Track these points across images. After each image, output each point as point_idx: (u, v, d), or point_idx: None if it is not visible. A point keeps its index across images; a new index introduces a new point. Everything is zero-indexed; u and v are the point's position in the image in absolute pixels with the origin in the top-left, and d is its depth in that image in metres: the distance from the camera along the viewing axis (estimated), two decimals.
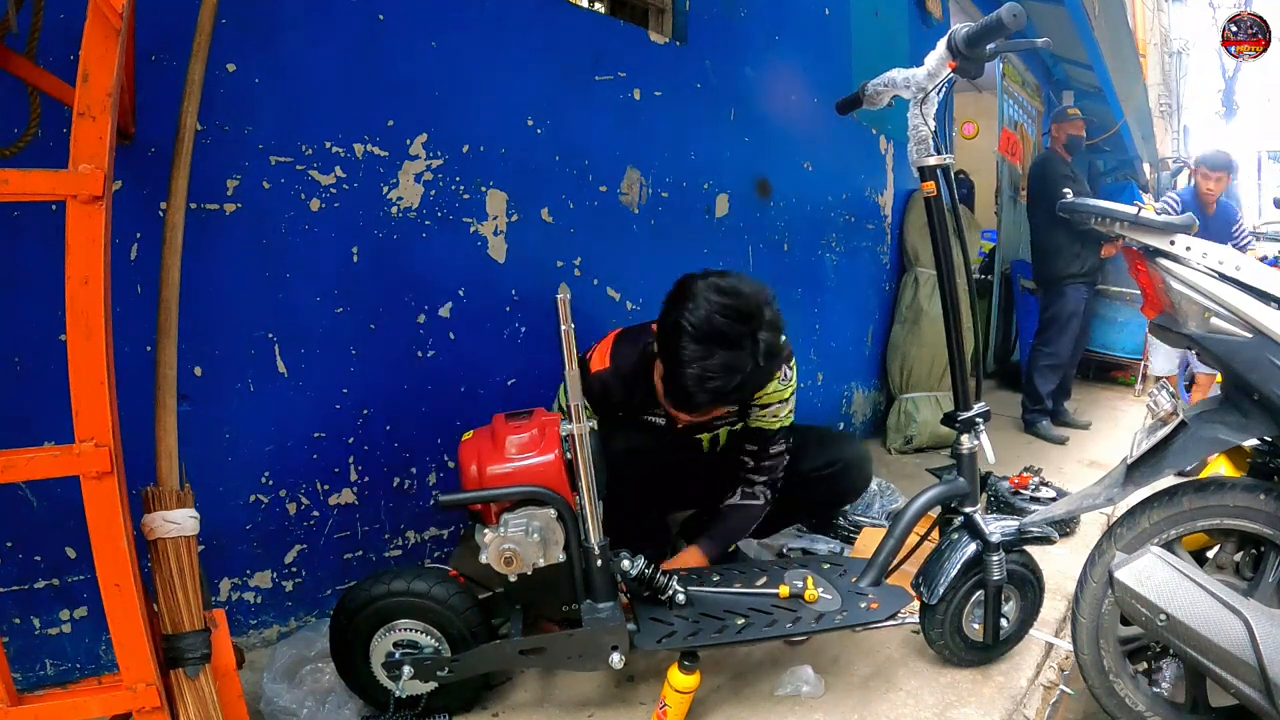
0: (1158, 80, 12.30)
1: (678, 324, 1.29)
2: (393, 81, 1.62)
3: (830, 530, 2.10)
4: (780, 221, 2.73)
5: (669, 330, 1.31)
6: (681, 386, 1.30)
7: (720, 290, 1.29)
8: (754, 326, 1.29)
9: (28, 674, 1.33)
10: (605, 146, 2.06)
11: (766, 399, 1.55)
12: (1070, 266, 3.71)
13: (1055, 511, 1.39)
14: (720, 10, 2.39)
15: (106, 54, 0.84)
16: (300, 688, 1.34)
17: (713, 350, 1.26)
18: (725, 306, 1.27)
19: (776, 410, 1.57)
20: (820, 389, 3.07)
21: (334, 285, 1.59)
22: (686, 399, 1.32)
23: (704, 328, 1.26)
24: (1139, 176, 7.80)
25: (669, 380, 1.35)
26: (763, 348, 1.30)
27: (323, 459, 1.62)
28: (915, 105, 1.35)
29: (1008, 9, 1.19)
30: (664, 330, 1.34)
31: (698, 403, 1.32)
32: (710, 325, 1.26)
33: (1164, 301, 1.20)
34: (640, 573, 1.32)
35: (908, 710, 1.39)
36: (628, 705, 1.40)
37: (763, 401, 1.56)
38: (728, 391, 1.29)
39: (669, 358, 1.32)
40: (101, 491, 0.87)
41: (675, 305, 1.32)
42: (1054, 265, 3.76)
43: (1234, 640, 1.08)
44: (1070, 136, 3.74)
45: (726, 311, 1.27)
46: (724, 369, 1.27)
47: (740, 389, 1.31)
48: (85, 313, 0.84)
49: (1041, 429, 3.70)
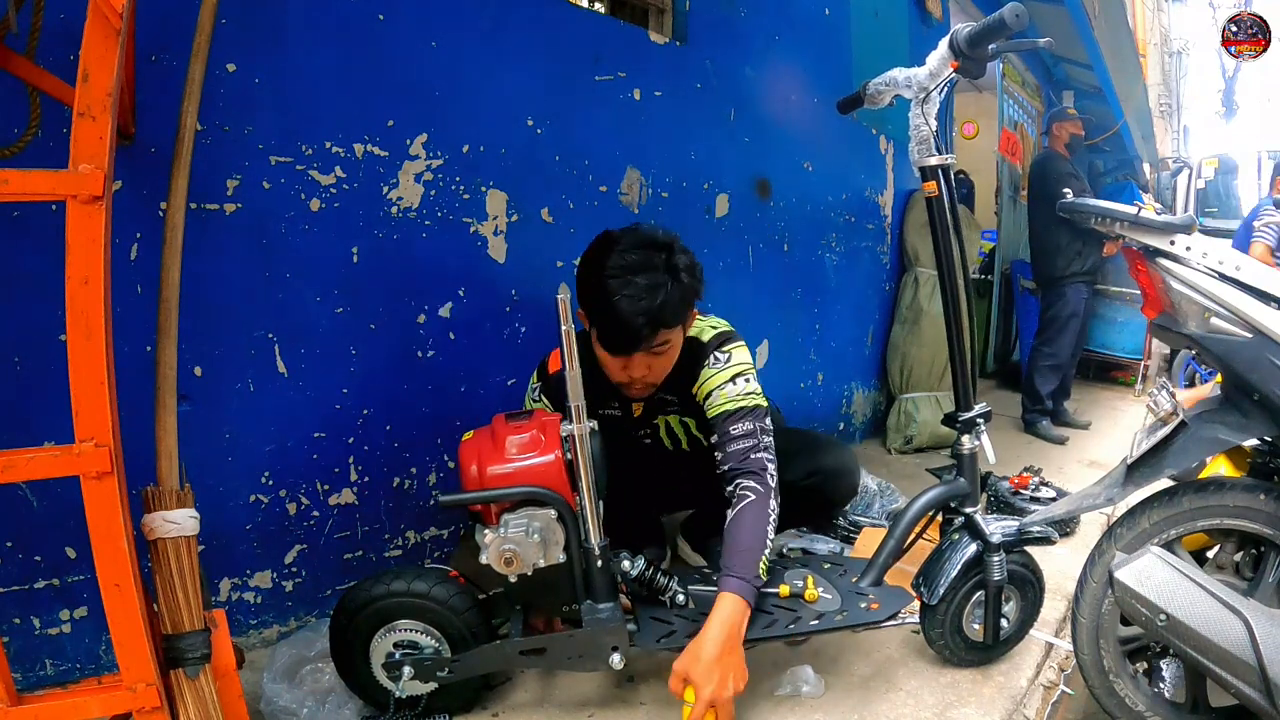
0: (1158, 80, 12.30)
1: (594, 277, 1.35)
2: (393, 81, 1.62)
3: (830, 530, 2.10)
4: (780, 221, 2.73)
5: (587, 279, 1.37)
6: (615, 323, 1.33)
7: (624, 233, 1.39)
8: (665, 252, 1.36)
9: (28, 674, 1.33)
10: (605, 146, 2.06)
11: (703, 387, 1.50)
12: (1071, 266, 3.70)
13: (1055, 511, 1.39)
14: (720, 10, 2.39)
15: (106, 54, 0.84)
16: (300, 688, 1.34)
17: (633, 275, 1.32)
18: (632, 243, 1.36)
19: (716, 397, 1.49)
20: (820, 389, 3.07)
21: (334, 285, 1.59)
22: (623, 332, 1.33)
23: (618, 262, 1.33)
24: (1139, 176, 7.79)
25: (603, 325, 1.36)
26: (681, 264, 1.36)
27: (323, 459, 1.62)
28: (917, 105, 1.35)
29: (1010, 9, 1.19)
30: (583, 282, 1.39)
31: (635, 331, 1.33)
32: (624, 260, 1.33)
33: (1164, 301, 1.20)
34: (640, 573, 1.32)
35: (908, 710, 1.39)
36: (628, 705, 1.40)
37: (701, 390, 1.50)
38: (657, 309, 1.32)
39: (596, 302, 1.35)
40: (101, 491, 0.87)
41: (587, 258, 1.39)
42: (1054, 264, 3.75)
43: (1234, 640, 1.08)
44: (1071, 135, 3.75)
45: (635, 245, 1.36)
46: (648, 289, 1.32)
47: (668, 306, 1.34)
48: (85, 313, 0.84)
49: (1041, 429, 3.70)
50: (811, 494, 1.74)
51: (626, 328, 1.32)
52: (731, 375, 1.50)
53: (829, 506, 1.88)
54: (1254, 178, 7.91)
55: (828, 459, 1.76)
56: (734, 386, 1.49)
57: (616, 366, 1.42)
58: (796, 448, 1.72)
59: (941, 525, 1.51)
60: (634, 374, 1.42)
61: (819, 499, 1.80)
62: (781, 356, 2.80)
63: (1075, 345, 3.87)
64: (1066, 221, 3.60)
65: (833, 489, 1.79)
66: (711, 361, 1.50)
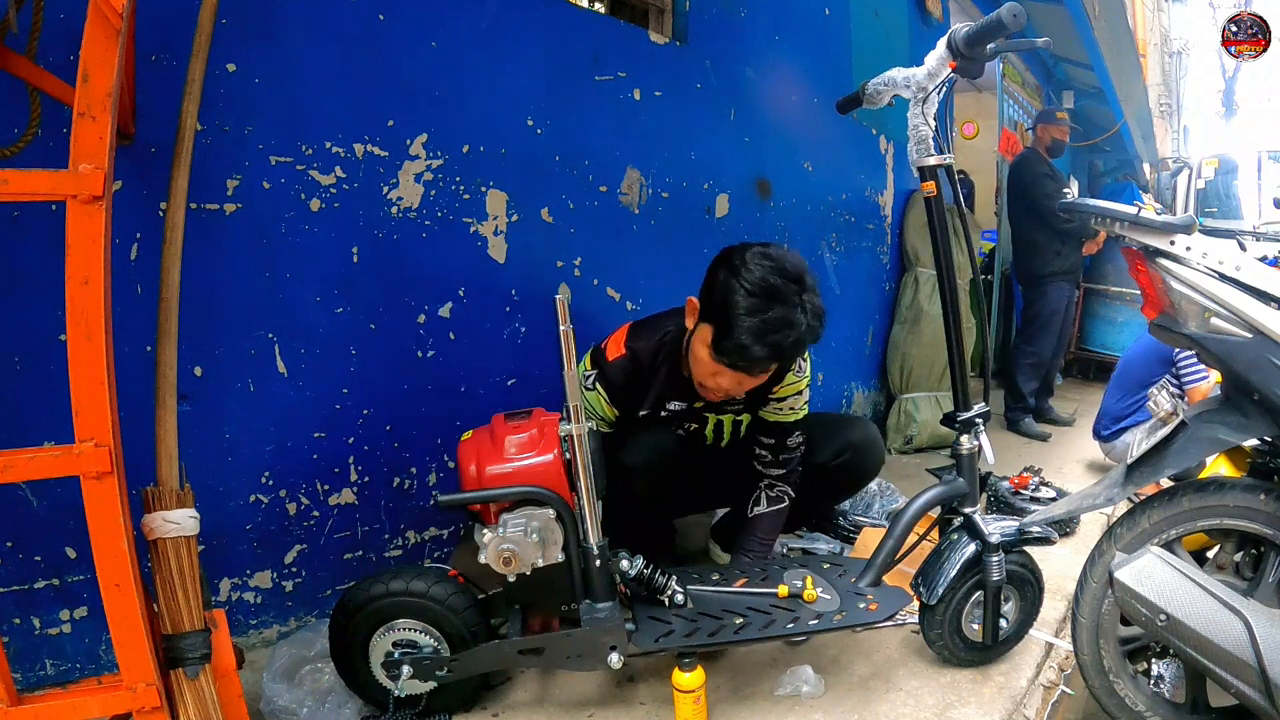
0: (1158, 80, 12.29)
1: (731, 283, 1.34)
2: (393, 81, 1.62)
3: (830, 530, 2.10)
4: (780, 221, 2.73)
5: (722, 291, 1.35)
6: (738, 342, 1.32)
7: (768, 255, 1.36)
8: (802, 286, 1.36)
9: (28, 674, 1.33)
10: (605, 146, 2.06)
11: (783, 391, 1.57)
12: (1050, 264, 3.73)
13: (1055, 511, 1.39)
14: (720, 10, 2.39)
15: (106, 54, 0.84)
16: (300, 688, 1.34)
17: (770, 304, 1.32)
18: (775, 268, 1.34)
19: (793, 403, 1.59)
20: (820, 389, 3.07)
21: (334, 285, 1.59)
22: (743, 353, 1.33)
23: (760, 284, 1.32)
24: (1139, 176, 7.79)
25: (723, 338, 1.35)
26: (810, 308, 1.36)
27: (323, 459, 1.62)
28: (915, 105, 1.35)
29: (1008, 9, 1.19)
30: (716, 292, 1.37)
31: (754, 356, 1.33)
32: (766, 283, 1.32)
33: (1164, 301, 1.20)
34: (639, 572, 1.32)
35: (908, 710, 1.39)
36: (627, 705, 1.40)
37: (780, 394, 1.58)
38: (785, 346, 1.33)
39: (723, 316, 1.34)
40: (101, 491, 0.87)
41: (724, 269, 1.37)
42: (1034, 263, 3.78)
43: (1234, 640, 1.08)
44: (1054, 139, 3.76)
45: (778, 271, 1.34)
46: (782, 322, 1.32)
47: (796, 345, 1.35)
48: (85, 313, 0.84)
49: (1024, 426, 3.72)
50: (843, 471, 1.79)
51: (747, 350, 1.32)
52: (804, 386, 1.60)
53: (862, 479, 1.90)
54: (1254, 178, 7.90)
55: (854, 434, 1.79)
56: (800, 398, 1.60)
57: (710, 372, 1.42)
58: (820, 431, 1.76)
59: (941, 525, 1.51)
60: (723, 384, 1.44)
61: (852, 474, 1.83)
62: None
63: (1058, 343, 3.89)
64: (1044, 220, 3.64)
65: (864, 461, 1.81)
66: (797, 369, 1.57)
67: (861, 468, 1.82)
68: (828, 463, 1.75)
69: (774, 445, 1.63)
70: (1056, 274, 3.74)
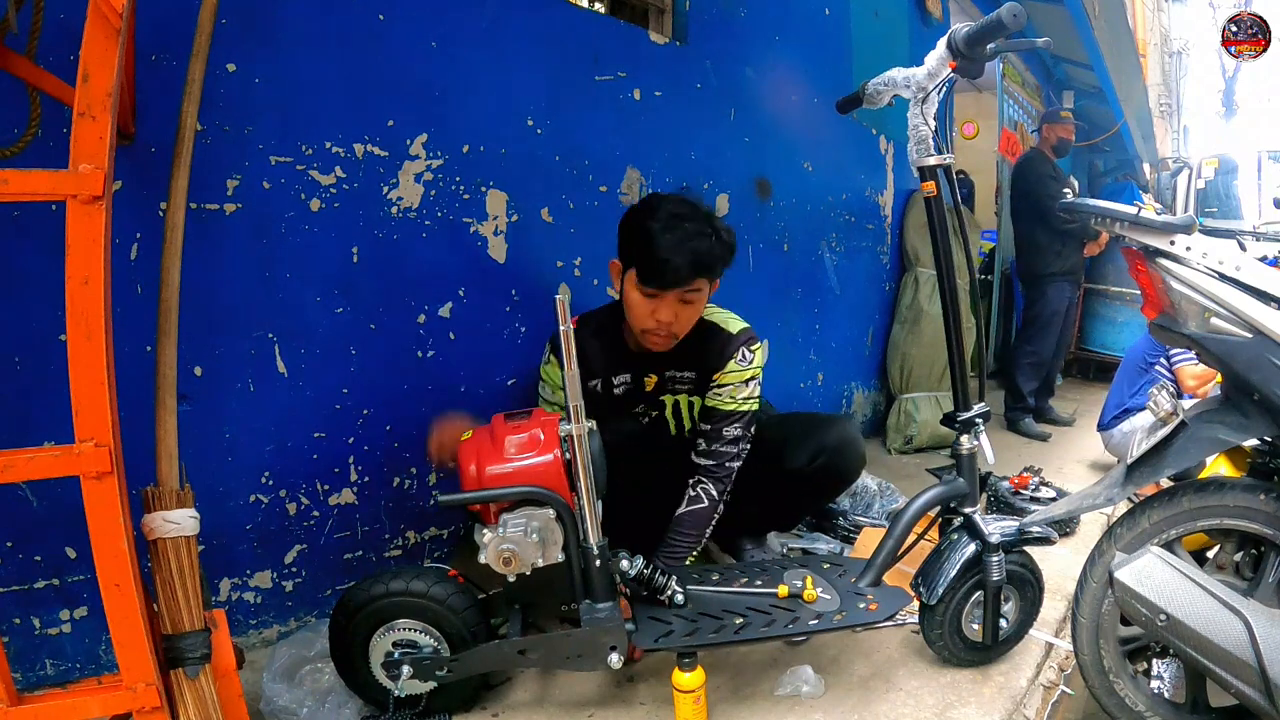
0: (1158, 80, 12.30)
1: (643, 223, 1.46)
2: (393, 81, 1.62)
3: (830, 530, 2.10)
4: (780, 221, 2.74)
5: (636, 231, 1.47)
6: (660, 258, 1.42)
7: (668, 197, 1.52)
8: (708, 213, 1.50)
9: (28, 674, 1.33)
10: (605, 146, 2.06)
11: (724, 378, 1.59)
12: (1051, 265, 3.73)
13: (1055, 511, 1.39)
14: (720, 10, 2.39)
15: (106, 54, 0.84)
16: (300, 688, 1.34)
17: (680, 224, 1.44)
18: (678, 201, 1.50)
19: (733, 391, 1.59)
20: (820, 389, 3.07)
21: (334, 285, 1.59)
22: (666, 267, 1.42)
23: (668, 213, 1.45)
24: (1139, 176, 7.78)
25: (646, 265, 1.44)
26: (720, 227, 1.49)
27: (323, 459, 1.62)
28: (915, 105, 1.35)
29: (1008, 9, 1.19)
30: (631, 235, 1.49)
31: (677, 266, 1.42)
32: (673, 211, 1.46)
33: (1164, 301, 1.20)
34: (639, 573, 1.32)
35: (908, 710, 1.39)
36: (627, 705, 1.40)
37: (720, 381, 1.59)
38: (703, 252, 1.44)
39: (643, 247, 1.45)
40: (101, 491, 0.87)
41: (633, 217, 1.51)
42: (1035, 263, 3.79)
43: (1234, 640, 1.08)
44: (1060, 139, 3.76)
45: (681, 203, 1.49)
46: (695, 233, 1.44)
47: (713, 256, 1.46)
48: (85, 313, 0.84)
49: (1024, 426, 3.73)
50: (820, 475, 1.74)
51: (668, 264, 1.42)
52: (748, 377, 1.61)
53: (841, 483, 1.85)
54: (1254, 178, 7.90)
55: (829, 436, 1.73)
56: (745, 389, 1.61)
57: (646, 310, 1.49)
58: (795, 433, 1.74)
59: (941, 525, 1.51)
60: (662, 317, 1.48)
61: (829, 478, 1.78)
62: (781, 356, 2.80)
63: (1058, 343, 3.89)
64: (1046, 221, 3.65)
65: (842, 463, 1.75)
66: (740, 357, 1.60)
67: (840, 470, 1.77)
68: (804, 467, 1.70)
69: (708, 433, 1.61)
70: (1058, 274, 3.74)
